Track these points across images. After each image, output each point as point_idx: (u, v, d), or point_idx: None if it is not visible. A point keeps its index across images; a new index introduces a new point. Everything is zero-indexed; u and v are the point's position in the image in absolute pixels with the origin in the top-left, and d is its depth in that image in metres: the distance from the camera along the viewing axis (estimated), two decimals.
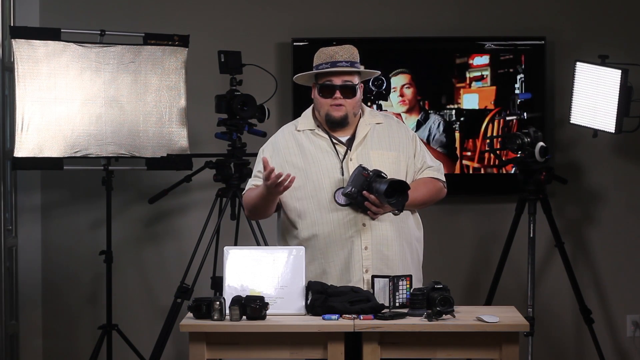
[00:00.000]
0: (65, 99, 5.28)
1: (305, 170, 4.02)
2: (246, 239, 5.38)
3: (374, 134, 4.07)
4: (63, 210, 5.85)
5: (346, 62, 4.01)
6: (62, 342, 5.87)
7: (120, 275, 5.71)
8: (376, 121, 4.11)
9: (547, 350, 5.86)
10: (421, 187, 4.06)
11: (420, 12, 5.86)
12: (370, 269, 3.93)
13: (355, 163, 3.99)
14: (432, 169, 4.13)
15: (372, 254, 3.96)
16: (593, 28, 5.82)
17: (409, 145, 4.10)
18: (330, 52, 4.03)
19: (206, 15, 5.85)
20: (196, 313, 3.70)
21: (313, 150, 4.04)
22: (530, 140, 5.23)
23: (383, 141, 4.07)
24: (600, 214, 5.88)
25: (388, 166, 4.00)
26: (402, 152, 4.07)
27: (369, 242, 3.97)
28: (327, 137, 4.05)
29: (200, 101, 5.62)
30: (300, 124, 4.12)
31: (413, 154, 4.10)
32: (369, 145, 4.05)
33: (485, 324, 3.63)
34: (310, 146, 4.05)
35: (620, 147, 5.83)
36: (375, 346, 3.62)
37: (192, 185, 5.58)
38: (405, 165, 4.06)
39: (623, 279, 5.87)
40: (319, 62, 4.04)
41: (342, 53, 4.02)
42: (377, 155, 4.03)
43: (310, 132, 4.07)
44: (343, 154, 4.03)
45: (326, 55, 4.03)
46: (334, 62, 4.01)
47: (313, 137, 4.07)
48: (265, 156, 4.01)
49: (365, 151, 4.04)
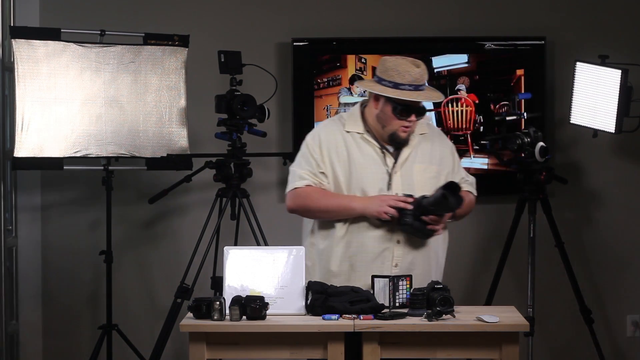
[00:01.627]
0: (65, 99, 5.28)
1: (350, 176, 3.98)
2: (246, 239, 5.38)
3: (419, 147, 4.02)
4: (63, 210, 5.85)
5: (425, 85, 3.94)
6: (62, 342, 5.87)
7: (120, 275, 5.71)
8: (421, 131, 4.05)
9: (547, 350, 5.86)
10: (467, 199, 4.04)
11: (420, 12, 5.86)
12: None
13: (399, 177, 3.95)
14: (468, 183, 4.12)
15: (399, 272, 3.93)
16: (593, 28, 5.82)
17: (449, 159, 4.08)
18: (412, 76, 3.87)
19: (206, 15, 5.85)
20: (196, 313, 3.71)
21: (360, 157, 3.98)
22: (530, 140, 5.23)
23: (426, 155, 4.03)
24: (600, 214, 5.88)
25: (429, 180, 3.98)
26: (443, 166, 4.05)
27: (400, 260, 3.96)
28: (376, 144, 3.99)
29: (200, 101, 5.62)
30: (348, 125, 4.03)
31: (452, 168, 4.08)
32: (412, 159, 4.00)
33: (485, 324, 3.63)
34: (358, 152, 3.99)
35: (620, 147, 5.83)
36: (375, 346, 3.62)
37: (192, 185, 5.58)
38: (444, 179, 4.00)
39: (623, 279, 5.87)
40: (399, 81, 3.89)
41: (419, 76, 3.89)
42: (420, 170, 4.00)
43: (359, 136, 4.00)
44: (391, 166, 3.98)
45: (410, 76, 3.88)
46: (417, 87, 3.89)
47: (361, 142, 4.00)
48: (313, 148, 3.99)
49: (409, 164, 3.99)
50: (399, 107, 3.90)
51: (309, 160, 4.04)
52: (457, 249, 5.94)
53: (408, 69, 3.89)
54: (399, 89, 3.89)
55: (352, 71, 5.78)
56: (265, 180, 5.83)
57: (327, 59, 5.80)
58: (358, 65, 5.78)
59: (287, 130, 5.80)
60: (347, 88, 5.77)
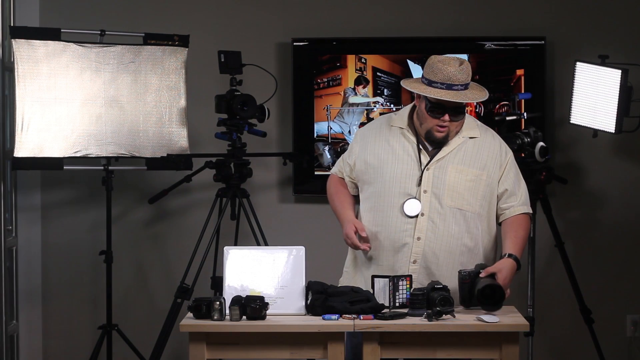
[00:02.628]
0: (65, 99, 5.28)
1: (382, 166, 4.00)
2: (246, 239, 5.38)
3: (462, 148, 3.99)
4: (63, 210, 5.85)
5: (461, 85, 3.88)
6: (62, 342, 5.87)
7: (120, 275, 5.71)
8: (471, 134, 4.01)
9: (547, 350, 5.86)
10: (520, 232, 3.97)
11: (420, 12, 5.86)
12: (415, 283, 3.89)
13: (431, 174, 3.94)
14: (521, 203, 4.02)
15: (419, 269, 3.94)
16: (593, 28, 5.82)
17: (496, 166, 4.01)
18: (449, 73, 3.85)
19: (206, 15, 5.85)
20: (196, 313, 3.71)
21: (396, 149, 4.00)
22: (530, 140, 5.23)
23: (468, 157, 3.98)
24: (600, 214, 5.88)
25: (464, 183, 3.95)
26: (486, 171, 3.99)
27: (419, 257, 3.95)
28: (414, 140, 4.00)
29: (200, 101, 5.62)
30: (395, 120, 4.07)
31: (499, 177, 4.01)
32: (449, 159, 3.97)
33: (485, 324, 3.63)
34: (396, 145, 4.01)
35: (620, 147, 5.83)
36: (375, 346, 3.62)
37: (192, 185, 5.58)
38: (486, 185, 3.98)
39: (623, 279, 5.86)
40: (434, 79, 3.87)
41: (460, 76, 3.87)
42: (455, 170, 3.96)
43: (400, 131, 4.03)
44: (425, 164, 3.97)
45: (444, 75, 3.85)
46: (450, 85, 3.86)
47: (401, 137, 4.02)
48: (354, 138, 4.14)
49: (445, 164, 3.96)
50: (429, 104, 3.90)
51: (348, 150, 4.17)
52: None
53: (443, 67, 3.86)
54: (430, 87, 3.88)
55: (352, 71, 5.78)
56: (265, 180, 5.83)
57: (327, 59, 5.80)
58: (358, 65, 5.78)
59: (287, 130, 5.80)
60: (351, 88, 5.77)
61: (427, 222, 3.93)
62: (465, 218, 3.96)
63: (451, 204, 3.94)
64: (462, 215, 3.95)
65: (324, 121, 5.77)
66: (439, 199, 3.94)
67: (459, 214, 3.95)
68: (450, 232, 3.94)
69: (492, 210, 4.02)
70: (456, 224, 3.95)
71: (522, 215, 4.02)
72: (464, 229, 3.96)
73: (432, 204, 3.94)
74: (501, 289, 3.75)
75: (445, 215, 3.94)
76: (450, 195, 3.94)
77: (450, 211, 3.94)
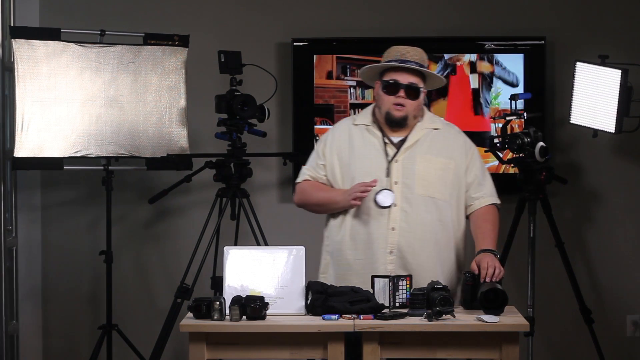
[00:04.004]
0: (65, 99, 5.28)
1: (350, 165, 4.05)
2: (246, 239, 5.38)
3: (427, 139, 4.07)
4: (63, 210, 5.85)
5: (415, 62, 4.03)
6: (62, 342, 5.87)
7: (120, 275, 5.71)
8: (434, 126, 4.11)
9: (547, 350, 5.86)
10: (491, 225, 4.08)
11: (420, 12, 5.86)
12: (393, 274, 3.90)
13: (400, 165, 4.01)
14: (489, 194, 4.12)
15: (395, 259, 3.97)
16: (593, 28, 5.82)
17: (463, 156, 4.09)
18: (402, 50, 4.06)
19: (206, 15, 5.85)
20: (196, 313, 3.71)
21: (362, 146, 4.07)
22: (530, 140, 5.23)
23: (434, 147, 4.06)
24: (600, 213, 5.88)
25: (433, 172, 4.02)
26: (453, 160, 4.06)
27: (395, 247, 3.98)
28: (380, 135, 4.07)
29: (200, 101, 5.62)
30: (358, 119, 4.15)
31: (466, 166, 4.08)
32: (417, 149, 4.05)
33: (485, 324, 3.63)
34: (361, 142, 4.08)
35: (620, 147, 5.83)
36: (375, 346, 3.62)
37: (192, 185, 5.58)
38: (454, 174, 4.05)
39: (623, 279, 5.86)
40: (388, 59, 4.06)
41: (413, 53, 4.05)
42: (423, 160, 4.03)
43: (365, 128, 4.10)
44: (392, 156, 4.03)
45: (396, 53, 4.06)
46: (404, 60, 4.03)
47: (366, 133, 4.09)
48: (320, 143, 4.15)
49: (413, 154, 4.04)
50: (384, 83, 4.03)
51: (314, 156, 4.19)
52: None
53: (396, 47, 4.08)
54: (383, 63, 4.06)
55: None
56: (265, 180, 5.83)
57: (327, 59, 5.79)
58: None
59: (287, 130, 5.80)
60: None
61: (400, 212, 3.99)
62: (437, 206, 4.02)
63: (422, 193, 4.01)
64: (433, 203, 4.01)
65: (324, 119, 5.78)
66: (410, 189, 4.00)
67: (431, 202, 4.01)
68: (423, 221, 4.00)
69: (460, 200, 4.09)
70: (428, 212, 4.01)
71: (491, 206, 4.12)
72: (436, 217, 4.02)
73: (404, 194, 4.00)
74: (504, 293, 3.77)
75: (418, 204, 4.00)
76: (421, 184, 4.01)
77: (422, 200, 4.00)
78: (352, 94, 5.77)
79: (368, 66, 4.12)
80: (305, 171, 4.18)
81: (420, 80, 4.04)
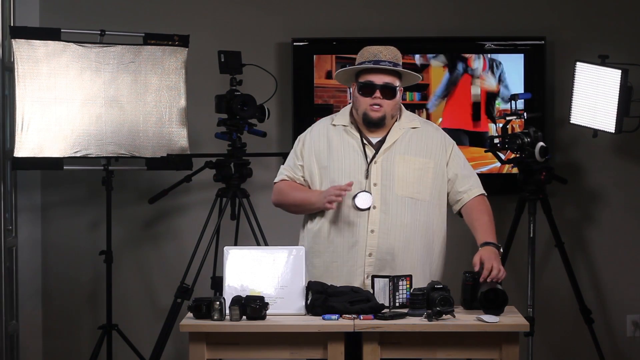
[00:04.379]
0: (65, 99, 5.28)
1: (328, 167, 4.05)
2: (246, 239, 5.38)
3: (405, 139, 4.06)
4: (63, 210, 5.85)
5: (389, 62, 4.01)
6: (62, 342, 5.87)
7: (120, 275, 5.71)
8: (412, 125, 4.10)
9: (547, 350, 5.86)
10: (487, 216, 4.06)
11: (420, 12, 5.86)
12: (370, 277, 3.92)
13: (379, 167, 4.00)
14: (475, 185, 4.10)
15: (375, 261, 3.97)
16: (593, 28, 5.82)
17: (442, 153, 4.08)
18: (375, 50, 4.03)
19: (206, 15, 5.85)
20: (196, 313, 3.71)
21: (341, 147, 4.06)
22: (530, 140, 5.23)
23: (412, 146, 4.06)
24: (600, 214, 5.88)
25: (412, 172, 4.01)
26: (432, 159, 4.06)
27: (374, 249, 3.97)
28: (358, 136, 4.06)
29: (200, 101, 5.62)
30: (336, 119, 4.14)
31: (446, 162, 4.08)
32: (396, 150, 4.04)
33: (485, 324, 3.63)
34: (340, 143, 4.07)
35: (620, 147, 5.83)
36: (375, 346, 3.62)
37: (192, 185, 5.58)
38: (434, 172, 4.05)
39: (623, 279, 5.86)
40: (362, 60, 4.04)
41: (386, 53, 4.03)
42: (402, 160, 4.03)
43: (343, 129, 4.09)
44: (371, 157, 4.03)
45: (370, 54, 4.03)
46: (377, 61, 4.01)
47: (344, 135, 4.08)
48: (298, 143, 4.13)
49: (391, 155, 4.03)
50: (360, 84, 4.02)
51: (292, 156, 4.17)
52: (457, 248, 5.97)
53: (369, 47, 4.05)
54: (357, 65, 4.05)
55: None
56: (265, 180, 5.82)
57: (326, 59, 5.79)
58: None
59: (287, 130, 5.80)
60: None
61: (379, 214, 3.98)
62: (417, 207, 4.01)
63: (402, 194, 4.00)
64: (413, 203, 4.01)
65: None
66: (390, 190, 4.00)
67: (411, 202, 4.01)
68: (404, 222, 3.99)
69: (442, 198, 4.09)
70: (409, 213, 4.00)
71: (481, 196, 4.10)
72: (417, 217, 4.01)
73: (383, 196, 4.00)
74: (504, 293, 3.76)
75: (397, 205, 3.99)
76: (400, 185, 4.00)
77: (402, 201, 4.00)
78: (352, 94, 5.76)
79: (342, 69, 4.11)
80: (282, 171, 4.17)
81: (396, 79, 4.02)
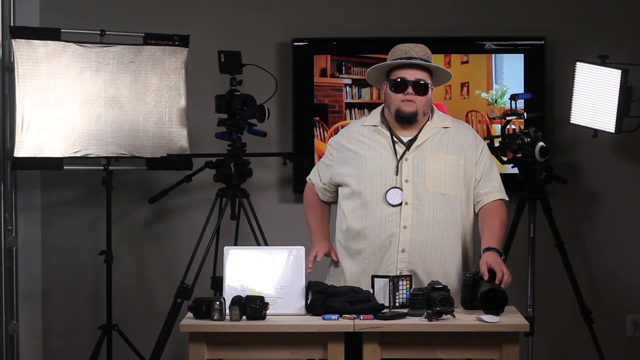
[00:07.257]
0: (65, 99, 5.28)
1: (359, 165, 4.08)
2: (246, 239, 5.38)
3: (436, 137, 4.08)
4: (63, 210, 5.85)
5: (421, 59, 4.05)
6: (62, 342, 5.87)
7: (120, 275, 5.71)
8: (444, 125, 4.12)
9: (547, 350, 5.86)
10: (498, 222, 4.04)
11: (420, 12, 5.86)
12: (404, 272, 3.93)
13: (410, 164, 4.02)
14: (497, 189, 4.11)
15: (408, 257, 3.98)
16: (593, 28, 5.82)
17: (473, 151, 4.10)
18: (406, 48, 4.06)
19: (206, 15, 5.85)
20: (196, 313, 3.71)
21: (371, 147, 4.09)
22: (530, 140, 5.23)
23: (444, 144, 4.08)
24: (600, 213, 5.88)
25: (443, 169, 4.03)
26: (463, 156, 4.08)
27: (407, 246, 3.98)
28: (388, 134, 4.08)
29: (200, 101, 5.62)
30: (367, 120, 4.17)
31: (475, 161, 4.10)
32: (427, 147, 4.06)
33: (485, 324, 3.63)
34: (370, 141, 4.10)
35: (620, 147, 5.83)
36: (375, 346, 3.62)
37: (192, 185, 5.58)
38: (464, 170, 4.06)
39: (623, 279, 5.86)
40: (394, 58, 4.07)
41: (418, 50, 4.06)
42: (433, 158, 4.04)
43: (374, 129, 4.12)
44: (401, 154, 4.05)
45: (401, 51, 4.07)
46: (410, 57, 4.04)
47: (375, 134, 4.11)
48: (330, 143, 4.22)
49: (423, 153, 4.05)
50: (392, 82, 4.04)
51: (325, 154, 4.25)
52: None
53: (401, 45, 4.08)
54: (389, 62, 4.09)
55: None
56: (265, 180, 5.83)
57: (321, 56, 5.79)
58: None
59: (287, 130, 5.80)
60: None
61: (411, 210, 3.99)
62: (448, 203, 4.03)
63: (434, 190, 4.01)
64: (445, 200, 4.02)
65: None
66: (422, 187, 4.01)
67: (443, 199, 4.02)
68: (436, 218, 4.00)
69: (470, 196, 4.10)
70: (440, 210, 4.01)
71: (499, 201, 4.11)
72: (448, 214, 4.03)
73: (415, 192, 4.01)
74: (504, 293, 3.77)
75: (430, 201, 4.01)
76: (432, 182, 4.02)
77: (434, 197, 4.01)
78: (348, 92, 5.78)
79: (374, 66, 4.13)
80: (313, 170, 4.29)
81: (428, 76, 4.06)
